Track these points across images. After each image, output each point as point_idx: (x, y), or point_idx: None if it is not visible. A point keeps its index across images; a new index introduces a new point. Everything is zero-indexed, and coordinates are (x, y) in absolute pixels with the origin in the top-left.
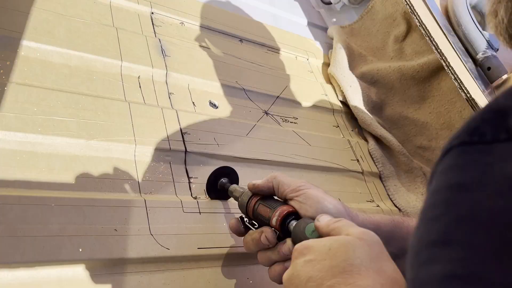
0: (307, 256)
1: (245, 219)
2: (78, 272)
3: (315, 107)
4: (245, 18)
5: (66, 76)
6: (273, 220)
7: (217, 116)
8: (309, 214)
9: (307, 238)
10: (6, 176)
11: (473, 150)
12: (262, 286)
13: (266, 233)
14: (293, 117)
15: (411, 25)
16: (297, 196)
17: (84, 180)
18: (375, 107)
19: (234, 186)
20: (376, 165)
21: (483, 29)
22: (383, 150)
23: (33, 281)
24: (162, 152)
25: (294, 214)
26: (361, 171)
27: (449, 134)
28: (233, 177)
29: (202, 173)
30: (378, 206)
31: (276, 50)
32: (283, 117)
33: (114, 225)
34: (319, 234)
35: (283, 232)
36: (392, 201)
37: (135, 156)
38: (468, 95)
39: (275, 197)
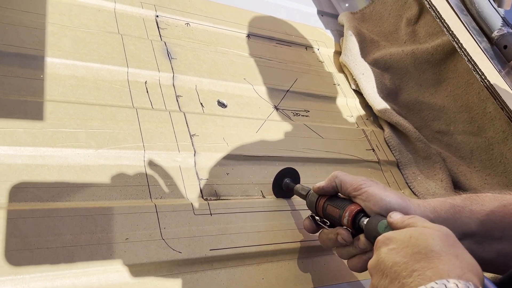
0: (390, 245)
1: (316, 218)
2: (92, 281)
3: (327, 98)
4: (252, 13)
5: (73, 87)
6: (344, 220)
7: (226, 115)
8: (374, 212)
9: (380, 234)
10: (19, 191)
11: None
12: (274, 284)
13: (342, 235)
14: (305, 110)
15: (423, 6)
16: (359, 194)
17: (95, 189)
18: (390, 94)
19: (298, 185)
20: (393, 153)
21: (498, 6)
22: (399, 137)
23: None
24: (171, 156)
25: (362, 212)
26: (377, 160)
27: (468, 117)
28: (296, 177)
29: (212, 174)
30: None
31: (285, 42)
32: (294, 111)
33: (126, 232)
34: (392, 229)
35: (355, 229)
36: (411, 189)
37: (144, 162)
38: (483, 77)
39: (340, 195)
